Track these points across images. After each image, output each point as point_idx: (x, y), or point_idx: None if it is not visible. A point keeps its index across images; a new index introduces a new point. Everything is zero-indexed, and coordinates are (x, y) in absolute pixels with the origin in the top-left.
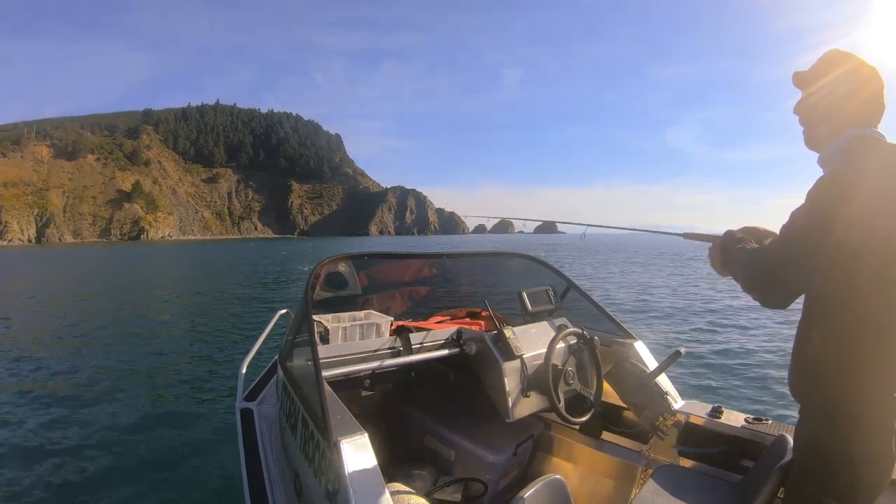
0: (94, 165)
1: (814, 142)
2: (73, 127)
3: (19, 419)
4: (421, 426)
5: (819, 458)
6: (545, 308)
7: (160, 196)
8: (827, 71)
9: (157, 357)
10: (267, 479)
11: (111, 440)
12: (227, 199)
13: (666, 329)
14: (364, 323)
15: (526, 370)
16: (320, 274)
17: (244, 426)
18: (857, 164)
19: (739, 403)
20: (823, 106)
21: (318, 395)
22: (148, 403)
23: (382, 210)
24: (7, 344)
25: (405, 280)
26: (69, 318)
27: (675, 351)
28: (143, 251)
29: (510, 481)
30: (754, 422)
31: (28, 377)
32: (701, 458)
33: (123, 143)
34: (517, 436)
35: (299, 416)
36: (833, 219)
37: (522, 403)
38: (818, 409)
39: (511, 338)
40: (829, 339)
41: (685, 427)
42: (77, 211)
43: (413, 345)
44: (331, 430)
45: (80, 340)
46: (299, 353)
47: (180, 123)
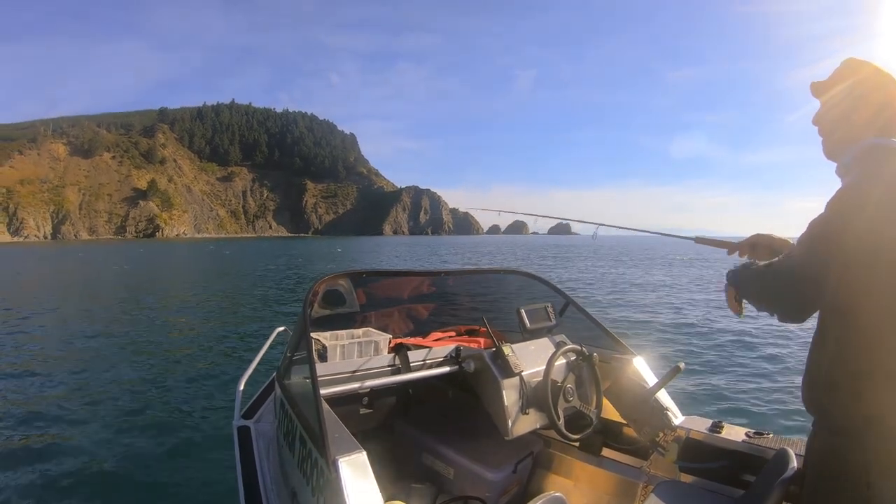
0: (109, 163)
1: (831, 151)
2: (89, 125)
3: (6, 429)
4: (419, 444)
5: (832, 471)
6: (544, 325)
7: (175, 194)
8: (842, 80)
9: (152, 369)
10: (264, 497)
11: (103, 457)
12: (242, 198)
13: (665, 344)
14: (362, 340)
15: (525, 387)
16: (318, 291)
17: (241, 444)
18: (869, 174)
19: (740, 418)
20: (837, 115)
21: (316, 413)
22: (142, 420)
23: (397, 210)
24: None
25: (404, 297)
26: (65, 322)
27: (675, 366)
28: (158, 248)
29: (510, 499)
30: (755, 436)
31: (20, 389)
32: (702, 473)
33: (139, 142)
34: (516, 453)
35: (297, 434)
36: (845, 230)
37: (522, 421)
38: (833, 422)
39: (510, 355)
40: (843, 350)
41: (686, 442)
42: (93, 208)
43: (412, 362)
44: (329, 448)
45: (69, 351)
46: (297, 371)
47: (196, 122)
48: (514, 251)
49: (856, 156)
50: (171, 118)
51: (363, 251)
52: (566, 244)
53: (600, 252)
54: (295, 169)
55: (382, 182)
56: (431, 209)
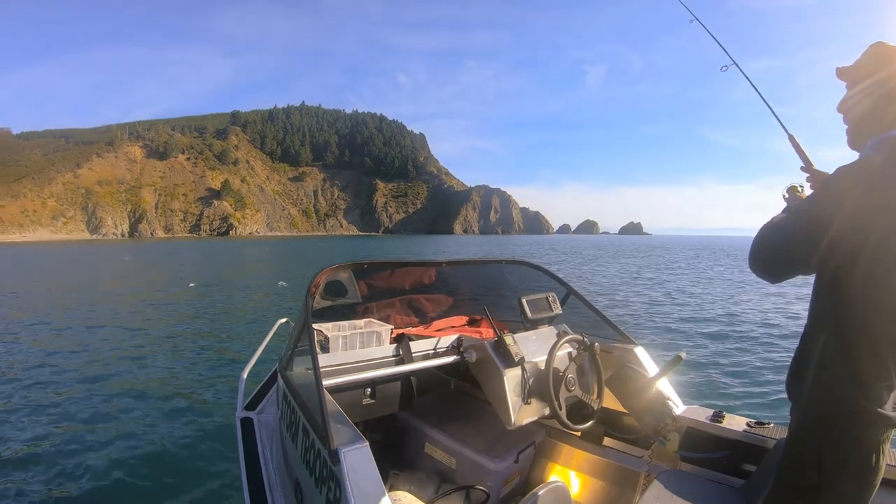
0: (184, 165)
1: (856, 143)
2: (163, 128)
3: (9, 420)
4: (422, 434)
5: (795, 458)
6: (545, 314)
7: (248, 194)
8: (870, 67)
9: (154, 363)
10: (268, 488)
11: (107, 448)
12: (314, 197)
13: (667, 334)
14: (364, 331)
15: (527, 377)
16: (320, 283)
17: (244, 435)
18: (871, 162)
19: (741, 408)
20: (865, 109)
21: (319, 404)
22: (145, 413)
23: (467, 209)
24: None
25: (405, 288)
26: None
27: (676, 356)
28: (230, 246)
29: (512, 489)
30: (756, 426)
31: (31, 385)
32: (703, 462)
33: (213, 144)
34: (518, 443)
35: (300, 425)
36: (834, 214)
37: (523, 410)
38: (799, 412)
39: (511, 345)
40: (826, 345)
41: (687, 432)
42: (168, 207)
43: (413, 353)
44: (332, 439)
45: (70, 343)
46: (300, 362)
47: (267, 124)
48: (582, 251)
49: (874, 145)
50: (243, 121)
51: (436, 249)
52: (640, 244)
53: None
54: (365, 168)
55: (452, 181)
56: (502, 208)
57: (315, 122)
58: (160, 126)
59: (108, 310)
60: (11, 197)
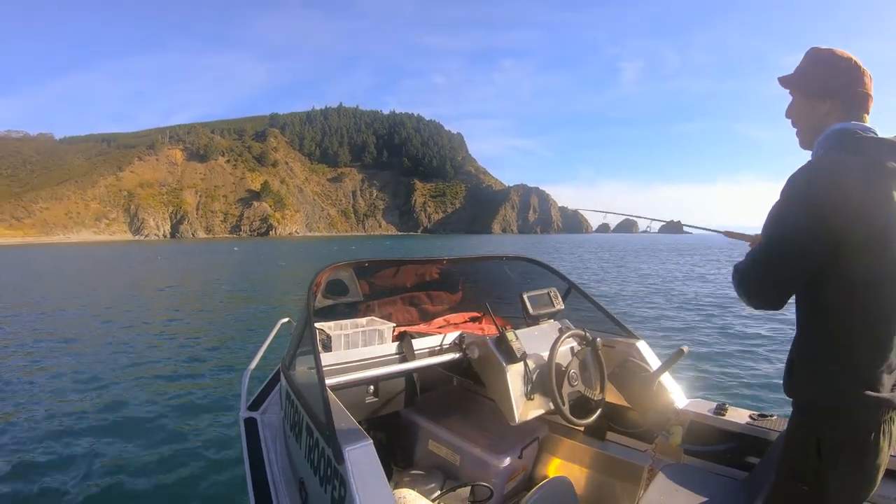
0: (224, 167)
1: (804, 142)
2: (203, 132)
3: (17, 418)
4: (425, 431)
5: (794, 444)
6: (547, 310)
7: (287, 195)
8: (804, 70)
9: (155, 363)
10: (272, 487)
11: (110, 449)
12: (352, 198)
13: (669, 327)
14: (366, 329)
15: (529, 373)
16: (321, 281)
17: (248, 435)
18: (824, 163)
19: (744, 400)
20: (802, 105)
21: (322, 403)
22: (146, 413)
23: (505, 208)
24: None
25: (407, 286)
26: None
27: (679, 349)
28: (270, 246)
29: (516, 484)
30: (759, 418)
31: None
32: (707, 456)
33: (252, 146)
34: (522, 439)
35: (303, 424)
36: (829, 216)
37: (526, 406)
38: (797, 401)
39: (513, 341)
40: (817, 337)
41: (690, 425)
42: (209, 209)
43: (416, 350)
44: (336, 438)
45: (68, 343)
46: (302, 362)
47: (305, 126)
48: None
49: (821, 143)
50: (281, 123)
51: (473, 249)
52: (681, 242)
53: None
54: (403, 169)
55: (490, 180)
56: (540, 207)
57: (353, 123)
58: (200, 129)
59: (123, 310)
60: (55, 199)
